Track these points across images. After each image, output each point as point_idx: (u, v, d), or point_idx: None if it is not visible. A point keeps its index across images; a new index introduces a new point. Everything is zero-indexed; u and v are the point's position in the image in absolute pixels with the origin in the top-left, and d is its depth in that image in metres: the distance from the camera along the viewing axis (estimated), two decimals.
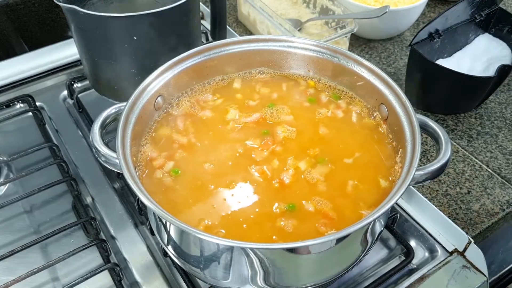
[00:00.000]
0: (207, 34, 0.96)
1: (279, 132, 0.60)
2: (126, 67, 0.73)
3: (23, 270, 0.59)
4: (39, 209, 0.70)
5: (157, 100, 0.60)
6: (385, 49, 0.99)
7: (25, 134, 0.80)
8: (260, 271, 0.49)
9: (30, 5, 1.04)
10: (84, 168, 0.75)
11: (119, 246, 0.65)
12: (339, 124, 0.62)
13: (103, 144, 0.53)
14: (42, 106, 0.85)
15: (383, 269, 0.64)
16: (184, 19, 0.73)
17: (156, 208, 0.46)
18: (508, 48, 0.88)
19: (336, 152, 0.59)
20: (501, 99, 0.88)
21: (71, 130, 0.81)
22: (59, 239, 0.65)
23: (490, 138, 0.80)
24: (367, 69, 0.61)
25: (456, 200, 0.71)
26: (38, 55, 0.91)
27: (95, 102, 0.83)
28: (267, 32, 0.97)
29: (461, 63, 0.87)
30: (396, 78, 0.92)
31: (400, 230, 0.67)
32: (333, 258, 0.52)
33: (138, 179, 0.49)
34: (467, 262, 0.62)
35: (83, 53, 0.76)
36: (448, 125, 0.83)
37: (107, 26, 0.68)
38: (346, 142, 0.60)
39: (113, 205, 0.70)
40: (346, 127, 0.62)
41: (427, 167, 0.52)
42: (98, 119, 0.55)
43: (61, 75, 0.91)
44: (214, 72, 0.66)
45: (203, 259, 0.51)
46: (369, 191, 0.55)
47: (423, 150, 0.78)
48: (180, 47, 0.73)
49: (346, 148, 0.59)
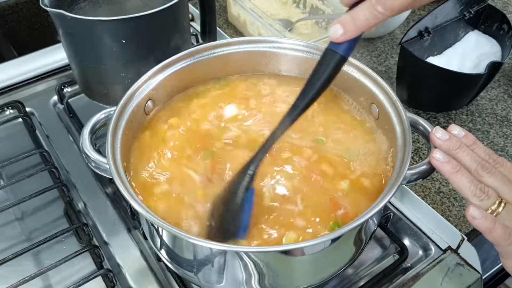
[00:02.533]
0: (197, 36, 0.96)
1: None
2: (116, 71, 0.73)
3: (15, 278, 0.59)
4: (30, 216, 0.69)
5: (147, 104, 0.60)
6: (376, 47, 1.00)
7: (15, 140, 0.80)
8: (254, 274, 0.49)
9: (18, 10, 1.03)
10: (76, 173, 0.74)
11: (112, 251, 0.64)
12: (329, 124, 0.62)
13: (93, 150, 0.53)
14: (32, 112, 0.84)
15: (378, 268, 0.64)
16: (173, 21, 0.72)
17: (148, 214, 0.46)
18: (498, 44, 0.88)
19: (326, 150, 0.58)
20: (491, 96, 0.88)
21: (62, 136, 0.80)
22: (51, 246, 0.65)
23: (481, 135, 0.81)
24: (357, 68, 0.61)
25: (449, 198, 0.71)
26: (27, 61, 0.90)
27: (85, 106, 0.83)
28: (257, 33, 0.96)
29: (451, 61, 0.87)
30: (387, 76, 0.92)
31: (394, 229, 0.67)
32: (327, 259, 0.52)
33: (129, 184, 0.49)
34: (461, 260, 0.62)
35: (72, 58, 0.75)
36: (439, 123, 0.83)
37: (95, 30, 0.67)
38: (337, 141, 0.60)
39: (105, 210, 0.69)
40: (337, 126, 0.62)
41: (419, 166, 0.52)
42: (88, 125, 0.55)
43: (51, 80, 0.90)
44: (205, 75, 0.66)
45: (196, 263, 0.51)
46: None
47: (415, 148, 0.78)
48: (170, 49, 0.73)
49: (336, 148, 0.59)
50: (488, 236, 0.48)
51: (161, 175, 0.56)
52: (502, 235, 0.47)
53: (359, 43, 1.00)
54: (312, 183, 0.54)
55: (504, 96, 0.88)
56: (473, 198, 0.48)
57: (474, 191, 0.48)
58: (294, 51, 0.65)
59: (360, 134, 0.60)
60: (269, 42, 0.65)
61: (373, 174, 0.56)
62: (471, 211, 0.48)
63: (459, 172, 0.49)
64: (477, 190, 0.48)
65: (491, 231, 0.47)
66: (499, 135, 0.81)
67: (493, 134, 0.81)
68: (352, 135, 0.60)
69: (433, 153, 0.50)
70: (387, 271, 0.61)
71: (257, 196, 0.51)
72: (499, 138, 0.80)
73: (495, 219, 0.48)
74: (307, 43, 0.64)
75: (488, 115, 0.84)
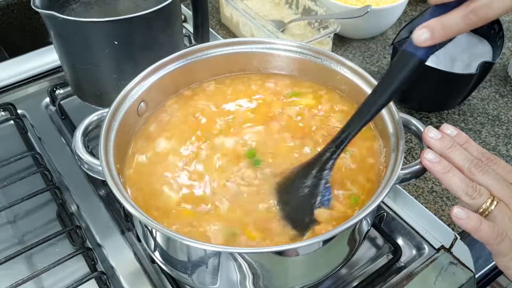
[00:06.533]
0: (190, 37, 0.96)
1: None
2: (108, 73, 0.72)
3: (8, 281, 0.58)
4: (23, 219, 0.69)
5: (140, 105, 0.60)
6: (368, 48, 1.00)
7: (7, 143, 0.79)
8: (248, 275, 0.49)
9: (9, 11, 1.03)
10: (68, 176, 0.74)
11: (105, 254, 0.64)
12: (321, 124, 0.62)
13: (85, 152, 0.52)
14: (24, 114, 0.84)
15: (372, 268, 0.64)
16: (165, 22, 0.72)
17: (142, 216, 0.45)
18: (489, 44, 0.89)
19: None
20: (483, 95, 0.89)
21: (54, 138, 0.80)
22: (44, 249, 0.64)
23: (473, 134, 0.81)
24: (349, 69, 0.61)
25: (442, 197, 0.71)
26: (18, 62, 0.90)
27: (78, 108, 0.82)
28: (250, 34, 0.96)
29: (443, 61, 0.87)
30: (379, 77, 0.93)
31: (387, 229, 0.67)
32: (321, 259, 0.52)
33: (122, 186, 0.49)
34: (454, 259, 0.63)
35: (63, 59, 0.75)
36: (432, 122, 0.83)
37: (87, 32, 0.67)
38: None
39: (98, 212, 0.69)
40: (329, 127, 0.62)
41: (412, 166, 0.52)
42: (80, 127, 0.54)
43: (42, 82, 0.89)
44: (198, 76, 0.66)
45: (190, 265, 0.50)
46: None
47: (408, 148, 0.79)
48: (162, 51, 0.73)
49: None
50: (475, 236, 0.48)
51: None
52: (489, 234, 0.47)
53: (352, 44, 1.01)
54: None
55: (495, 96, 0.88)
56: (464, 196, 0.48)
57: (465, 190, 0.48)
58: (287, 51, 0.65)
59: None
60: (262, 43, 0.65)
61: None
62: (455, 212, 0.48)
63: (450, 172, 0.49)
64: (469, 189, 0.48)
65: (477, 230, 0.47)
66: (490, 135, 0.81)
67: (485, 133, 0.81)
68: None
69: (424, 153, 0.50)
70: (381, 271, 0.61)
71: None
72: (490, 138, 0.81)
73: (481, 218, 0.48)
74: (300, 44, 0.64)
75: (480, 115, 0.85)
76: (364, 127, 0.49)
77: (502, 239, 0.47)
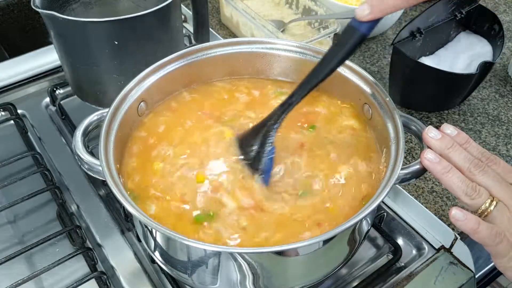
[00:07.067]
0: (190, 37, 0.96)
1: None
2: (108, 73, 0.72)
3: (8, 281, 0.58)
4: (23, 218, 0.69)
5: (140, 105, 0.60)
6: (368, 48, 1.00)
7: (7, 143, 0.79)
8: (248, 275, 0.49)
9: (9, 11, 1.03)
10: (68, 175, 0.74)
11: (105, 253, 0.64)
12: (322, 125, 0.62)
13: (86, 152, 0.52)
14: (24, 114, 0.84)
15: (372, 268, 0.64)
16: (165, 22, 0.72)
17: (142, 216, 0.45)
18: (489, 44, 0.89)
19: (318, 154, 0.59)
20: (483, 95, 0.89)
21: (54, 138, 0.80)
22: (44, 248, 0.64)
23: (473, 134, 0.81)
24: (349, 69, 0.61)
25: (442, 197, 0.71)
26: (19, 62, 0.90)
27: (78, 108, 0.82)
28: (250, 34, 0.96)
29: (443, 61, 0.88)
30: (380, 77, 0.93)
31: (387, 229, 0.67)
32: (321, 259, 0.52)
33: (122, 186, 0.49)
34: (454, 259, 0.63)
35: (64, 59, 0.75)
36: (432, 122, 0.83)
37: (87, 32, 0.67)
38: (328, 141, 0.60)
39: (98, 212, 0.69)
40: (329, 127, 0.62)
41: (412, 166, 0.52)
42: (80, 127, 0.54)
43: (43, 82, 0.89)
44: (198, 76, 0.66)
45: (190, 264, 0.50)
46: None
47: (408, 148, 0.79)
48: (162, 51, 0.73)
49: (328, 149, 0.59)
50: (473, 237, 0.48)
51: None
52: (487, 235, 0.47)
53: None
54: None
55: (495, 96, 0.88)
56: (464, 197, 0.48)
57: (465, 190, 0.48)
58: (287, 51, 0.65)
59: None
60: (262, 43, 0.65)
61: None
62: (453, 213, 0.48)
63: (449, 172, 0.49)
64: (468, 189, 0.48)
65: (475, 232, 0.47)
66: (491, 135, 0.81)
67: (485, 133, 0.81)
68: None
69: (424, 153, 0.50)
70: (381, 271, 0.61)
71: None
72: (491, 138, 0.81)
73: (479, 220, 0.47)
74: (300, 44, 0.64)
75: (480, 115, 0.85)
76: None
77: (500, 240, 0.47)
